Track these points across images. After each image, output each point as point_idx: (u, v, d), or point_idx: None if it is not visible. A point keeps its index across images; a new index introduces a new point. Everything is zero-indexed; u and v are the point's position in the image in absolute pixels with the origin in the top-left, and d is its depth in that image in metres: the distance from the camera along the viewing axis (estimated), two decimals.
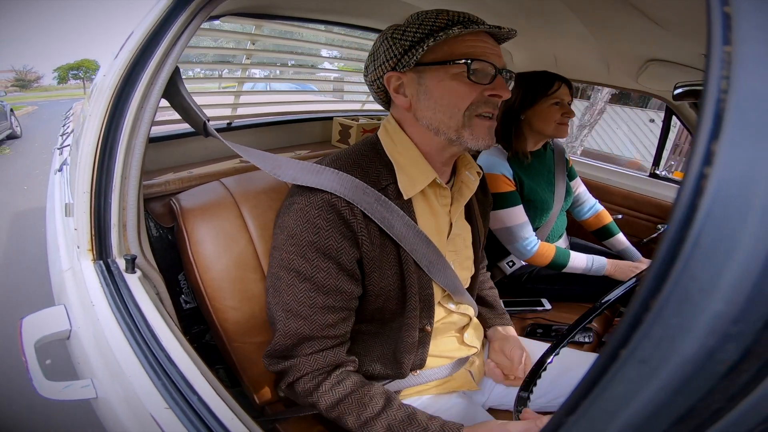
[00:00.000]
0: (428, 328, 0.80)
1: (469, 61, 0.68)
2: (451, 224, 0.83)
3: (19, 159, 6.75)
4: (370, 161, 0.75)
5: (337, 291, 0.70)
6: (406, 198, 0.74)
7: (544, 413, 0.71)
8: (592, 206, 1.61)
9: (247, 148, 0.86)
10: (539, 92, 1.30)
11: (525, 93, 1.32)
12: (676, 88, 1.35)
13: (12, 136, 8.54)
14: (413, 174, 0.75)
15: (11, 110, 8.81)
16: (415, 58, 0.69)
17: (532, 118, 1.33)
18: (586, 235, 1.68)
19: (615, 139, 8.71)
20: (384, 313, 0.77)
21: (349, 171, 0.71)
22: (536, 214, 1.37)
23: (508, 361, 0.92)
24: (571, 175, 1.58)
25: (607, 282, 1.33)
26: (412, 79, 0.72)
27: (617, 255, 1.54)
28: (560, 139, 1.47)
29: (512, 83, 0.75)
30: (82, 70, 29.81)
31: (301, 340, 0.71)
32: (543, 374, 0.78)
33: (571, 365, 0.92)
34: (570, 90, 1.33)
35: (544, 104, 1.30)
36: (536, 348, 1.04)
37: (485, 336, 0.99)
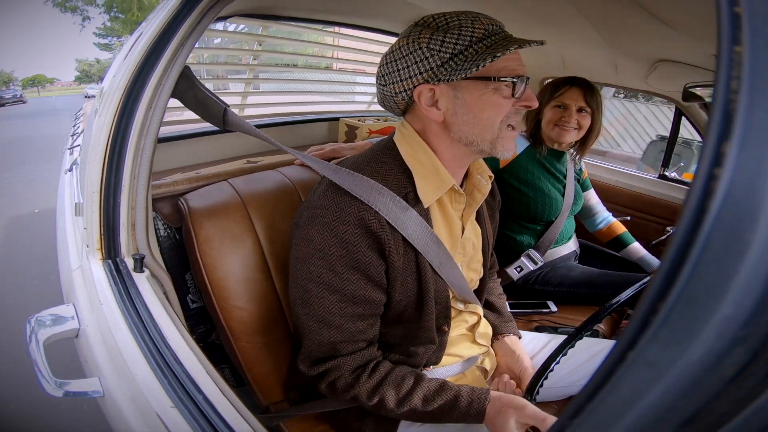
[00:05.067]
0: (445, 328, 0.81)
1: (515, 80, 0.68)
2: (463, 228, 0.83)
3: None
4: (389, 169, 0.74)
5: (366, 301, 0.71)
6: (426, 206, 0.74)
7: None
8: (605, 218, 1.62)
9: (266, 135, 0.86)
10: (546, 95, 1.35)
11: (538, 96, 1.37)
12: (685, 88, 1.34)
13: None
14: (433, 181, 0.74)
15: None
16: (462, 73, 0.66)
17: (542, 120, 1.38)
18: (596, 240, 1.67)
19: None
20: (403, 318, 0.78)
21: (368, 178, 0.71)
22: (544, 208, 1.38)
23: (518, 378, 0.92)
24: (584, 186, 1.59)
25: (614, 285, 1.32)
26: (446, 92, 0.69)
27: (634, 264, 1.54)
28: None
29: None
30: (37, 81, 45.89)
31: (335, 345, 0.74)
32: (555, 367, 0.80)
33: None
34: (583, 94, 1.32)
35: (548, 106, 1.35)
36: (543, 340, 1.05)
37: (491, 346, 0.98)
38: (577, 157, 1.45)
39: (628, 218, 1.76)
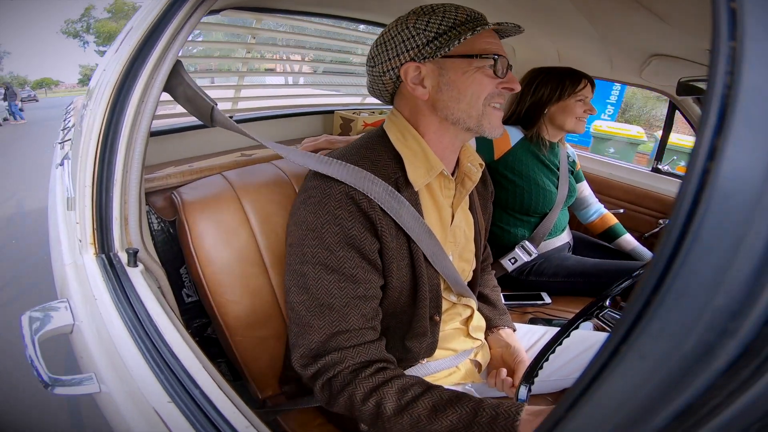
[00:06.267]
0: (437, 317, 0.81)
1: (495, 57, 0.71)
2: (453, 216, 0.83)
3: None
4: (378, 154, 0.75)
5: (365, 280, 0.70)
6: (416, 189, 0.75)
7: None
8: (597, 209, 1.64)
9: (253, 134, 0.86)
10: (568, 89, 1.34)
11: (554, 88, 1.36)
12: (679, 83, 1.35)
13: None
14: (422, 166, 0.76)
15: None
16: (445, 49, 0.70)
17: (555, 113, 1.37)
18: (589, 232, 1.69)
19: None
20: (396, 307, 0.78)
21: (358, 164, 0.71)
22: (538, 200, 1.39)
23: (513, 371, 0.92)
24: (577, 178, 1.60)
25: (609, 274, 1.33)
26: (432, 70, 0.73)
27: (626, 255, 1.55)
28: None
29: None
30: (44, 83, 50.96)
31: (337, 336, 0.68)
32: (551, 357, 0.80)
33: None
34: (593, 89, 1.37)
35: (570, 100, 1.34)
36: (538, 333, 1.07)
37: (486, 338, 0.99)
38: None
39: (622, 211, 1.77)
